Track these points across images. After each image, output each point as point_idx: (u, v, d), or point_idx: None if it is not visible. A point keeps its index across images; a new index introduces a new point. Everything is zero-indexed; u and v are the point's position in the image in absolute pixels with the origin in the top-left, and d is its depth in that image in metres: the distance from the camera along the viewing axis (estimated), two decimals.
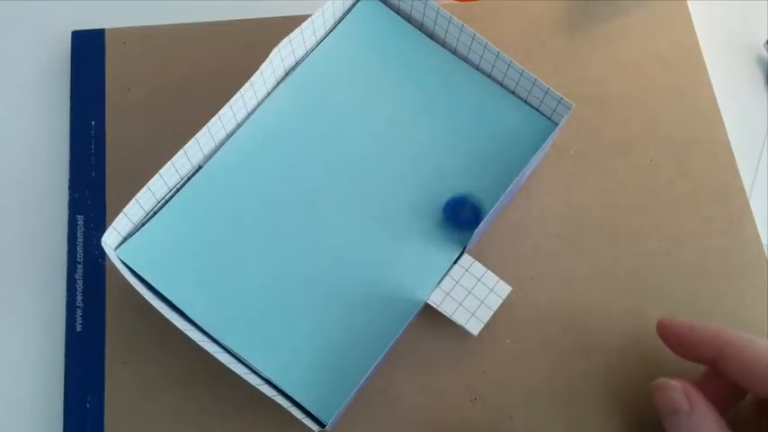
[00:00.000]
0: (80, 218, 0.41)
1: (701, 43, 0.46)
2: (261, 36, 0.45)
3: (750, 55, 0.48)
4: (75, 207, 0.42)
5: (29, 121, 0.45)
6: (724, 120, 0.45)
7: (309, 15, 0.40)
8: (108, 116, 0.43)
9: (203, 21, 0.46)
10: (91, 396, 0.38)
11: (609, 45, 0.46)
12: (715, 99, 0.45)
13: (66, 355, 0.39)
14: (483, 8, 0.46)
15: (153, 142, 0.43)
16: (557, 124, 0.40)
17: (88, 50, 0.45)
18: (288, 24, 0.40)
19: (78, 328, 0.39)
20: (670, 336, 0.36)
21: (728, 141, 0.44)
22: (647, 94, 0.45)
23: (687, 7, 0.47)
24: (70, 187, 0.42)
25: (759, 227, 0.42)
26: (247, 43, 0.45)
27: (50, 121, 0.45)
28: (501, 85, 0.41)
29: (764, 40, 0.48)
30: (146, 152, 0.42)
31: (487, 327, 0.38)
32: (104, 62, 0.45)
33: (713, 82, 0.45)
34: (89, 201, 0.42)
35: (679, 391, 0.33)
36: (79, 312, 0.40)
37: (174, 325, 0.34)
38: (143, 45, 0.45)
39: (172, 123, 0.43)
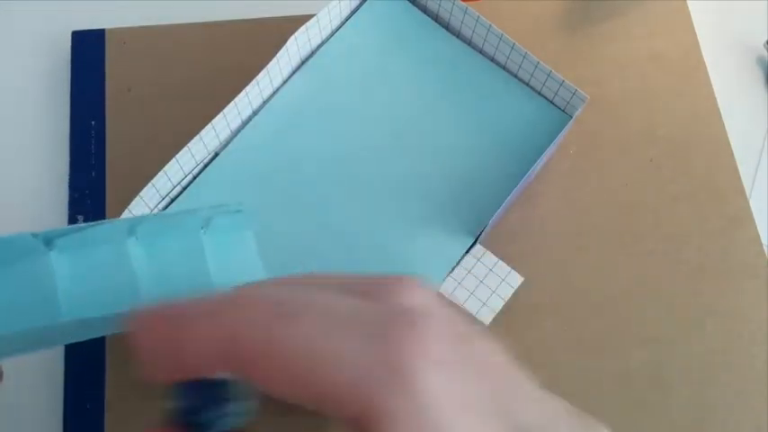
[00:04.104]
0: (80, 218, 0.41)
1: (701, 43, 0.46)
2: (261, 36, 0.45)
3: (750, 55, 0.48)
4: (75, 207, 0.42)
5: (29, 121, 0.45)
6: (724, 120, 0.45)
7: (310, 15, 0.40)
8: (108, 116, 0.43)
9: (203, 21, 0.46)
10: (91, 396, 0.38)
11: (609, 45, 0.46)
12: (715, 99, 0.45)
13: (66, 355, 0.39)
14: (483, 8, 0.46)
15: (153, 142, 0.42)
16: (570, 116, 0.40)
17: (88, 50, 0.45)
18: (288, 24, 0.40)
19: None
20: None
21: (728, 141, 0.44)
22: (647, 94, 0.45)
23: (687, 7, 0.47)
24: (70, 187, 0.42)
25: (759, 227, 0.42)
26: (247, 43, 0.45)
27: (50, 121, 0.44)
28: (515, 76, 0.41)
29: (764, 40, 0.48)
30: (146, 152, 0.42)
31: (488, 326, 0.38)
32: (104, 62, 0.45)
33: (713, 82, 0.45)
34: (89, 201, 0.42)
35: None
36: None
37: None
38: (143, 45, 0.45)
39: (172, 123, 0.43)
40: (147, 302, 0.24)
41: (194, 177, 0.39)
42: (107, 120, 0.43)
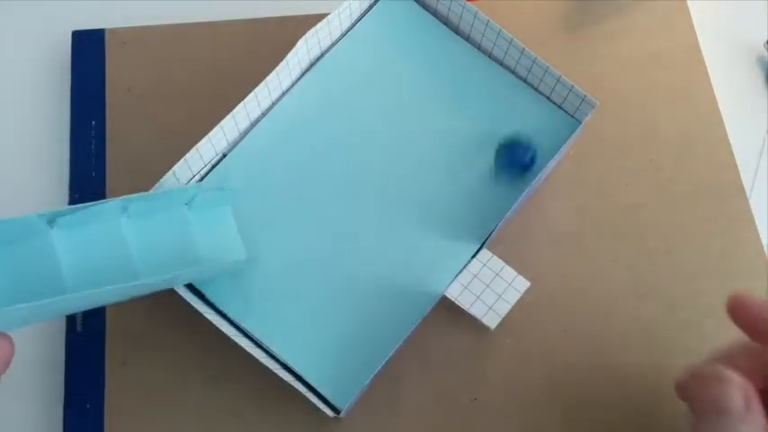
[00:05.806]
0: None
1: (701, 43, 0.46)
2: (261, 36, 0.45)
3: (750, 55, 0.48)
4: None
5: (29, 121, 0.45)
6: (724, 120, 0.45)
7: (311, 15, 0.40)
8: (108, 116, 0.43)
9: (203, 21, 0.46)
10: (91, 396, 0.38)
11: (609, 45, 0.46)
12: (715, 99, 0.45)
13: (67, 355, 0.39)
14: (483, 8, 0.46)
15: (153, 142, 0.42)
16: (579, 122, 0.40)
17: (88, 50, 0.45)
18: (288, 24, 0.40)
19: (78, 328, 0.39)
20: (742, 315, 0.28)
21: (728, 141, 0.44)
22: (647, 93, 0.45)
23: (687, 7, 0.47)
24: (70, 187, 0.42)
25: (759, 227, 0.42)
26: (247, 43, 0.45)
27: (50, 121, 0.45)
28: (525, 81, 0.41)
29: (764, 40, 0.48)
30: (146, 152, 0.42)
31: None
32: (104, 62, 0.45)
33: (713, 82, 0.45)
34: (89, 201, 0.42)
35: (737, 387, 0.24)
36: (79, 312, 0.40)
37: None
38: (143, 45, 0.45)
39: (172, 123, 0.43)
40: (141, 272, 0.33)
41: (201, 178, 0.39)
42: (107, 120, 0.43)
